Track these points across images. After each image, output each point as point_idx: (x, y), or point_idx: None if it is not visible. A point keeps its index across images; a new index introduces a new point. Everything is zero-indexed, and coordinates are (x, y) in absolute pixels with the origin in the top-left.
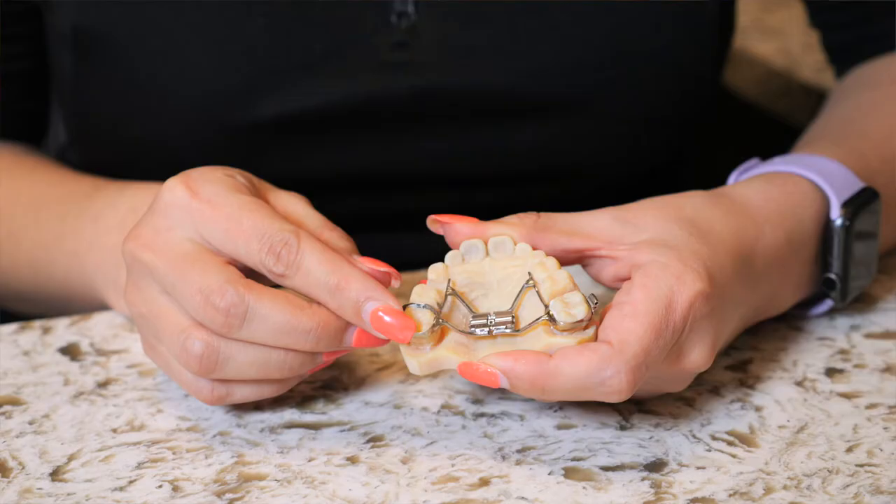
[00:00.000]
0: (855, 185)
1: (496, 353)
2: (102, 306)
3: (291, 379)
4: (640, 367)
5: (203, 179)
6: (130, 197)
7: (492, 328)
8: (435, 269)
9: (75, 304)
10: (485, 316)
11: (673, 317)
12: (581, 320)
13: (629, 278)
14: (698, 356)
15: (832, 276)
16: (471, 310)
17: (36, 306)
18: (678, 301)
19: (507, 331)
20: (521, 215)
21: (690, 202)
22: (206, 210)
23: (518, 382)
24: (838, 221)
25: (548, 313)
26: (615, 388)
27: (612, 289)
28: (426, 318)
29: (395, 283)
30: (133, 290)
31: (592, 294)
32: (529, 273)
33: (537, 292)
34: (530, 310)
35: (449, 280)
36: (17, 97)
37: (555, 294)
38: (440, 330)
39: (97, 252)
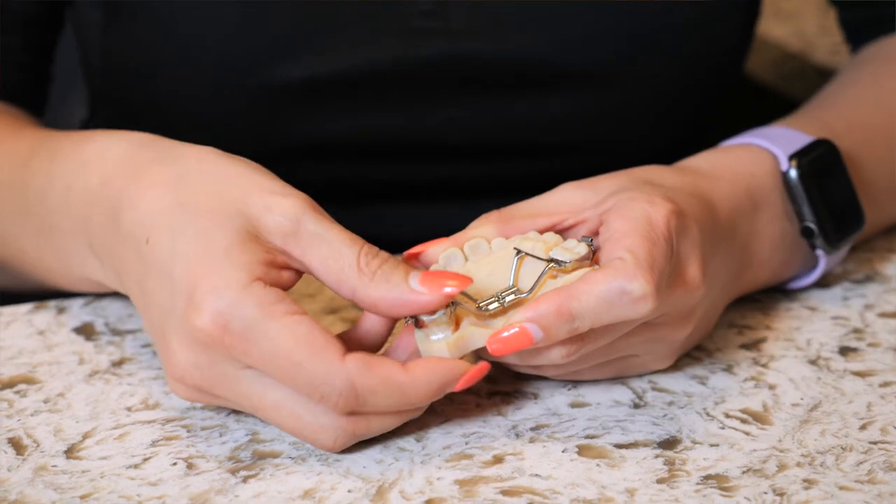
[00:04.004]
0: (802, 140)
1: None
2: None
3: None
4: (655, 269)
5: (228, 306)
6: (61, 172)
7: (502, 301)
8: None
9: (63, 282)
10: (490, 296)
11: (658, 229)
12: (585, 257)
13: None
14: (693, 274)
15: (809, 224)
16: (472, 298)
17: (18, 279)
18: (656, 218)
19: (519, 297)
20: (483, 216)
21: (642, 168)
22: (240, 346)
23: (546, 320)
24: (792, 172)
25: (551, 259)
26: (640, 293)
27: None
28: None
29: (457, 291)
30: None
31: (586, 236)
32: (515, 248)
33: (532, 257)
34: (530, 280)
35: None
36: (26, 47)
37: (551, 248)
38: (455, 317)
39: (59, 237)
